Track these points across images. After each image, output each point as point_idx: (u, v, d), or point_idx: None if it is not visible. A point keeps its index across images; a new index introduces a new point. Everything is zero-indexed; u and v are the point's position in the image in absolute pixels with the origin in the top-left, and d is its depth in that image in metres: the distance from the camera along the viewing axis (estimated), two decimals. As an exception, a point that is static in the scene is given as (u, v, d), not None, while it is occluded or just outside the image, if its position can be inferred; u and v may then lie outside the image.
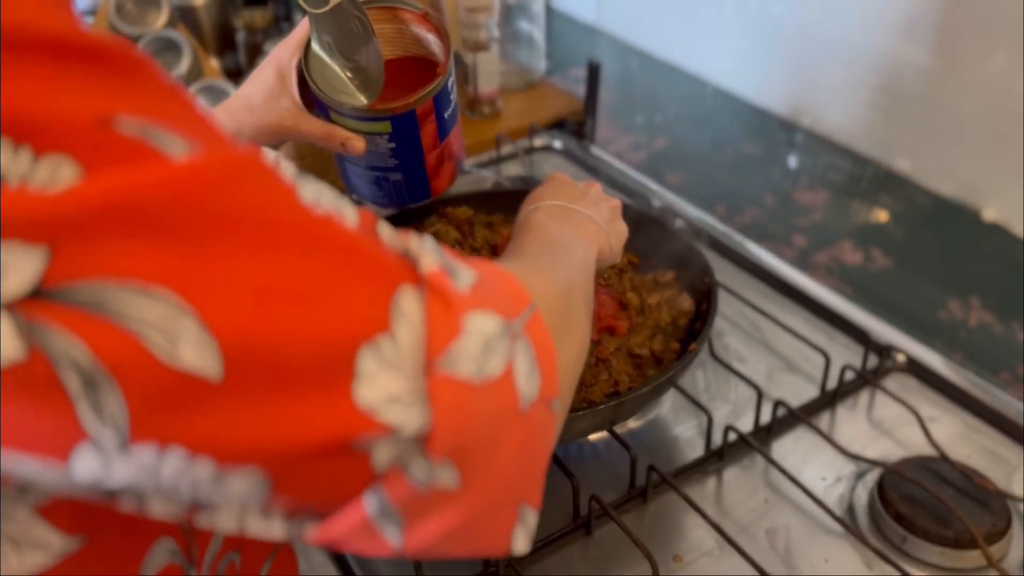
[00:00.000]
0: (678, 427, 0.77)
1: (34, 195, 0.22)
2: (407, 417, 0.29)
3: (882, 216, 1.10)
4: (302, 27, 0.67)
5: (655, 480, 0.69)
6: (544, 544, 0.65)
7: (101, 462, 0.25)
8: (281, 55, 0.67)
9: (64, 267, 0.23)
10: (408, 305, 0.30)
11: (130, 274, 0.24)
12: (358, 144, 0.68)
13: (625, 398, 0.64)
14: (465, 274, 0.34)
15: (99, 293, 0.23)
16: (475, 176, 1.09)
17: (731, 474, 0.72)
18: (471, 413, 0.31)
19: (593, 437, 0.75)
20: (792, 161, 1.21)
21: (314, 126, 0.67)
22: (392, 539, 0.33)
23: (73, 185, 0.23)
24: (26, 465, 0.26)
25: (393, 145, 0.70)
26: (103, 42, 0.25)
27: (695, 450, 0.74)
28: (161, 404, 0.25)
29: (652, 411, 0.78)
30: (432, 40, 0.71)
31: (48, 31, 0.24)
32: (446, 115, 0.71)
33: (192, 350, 0.24)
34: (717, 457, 0.72)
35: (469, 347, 0.32)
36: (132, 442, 0.25)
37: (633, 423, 0.76)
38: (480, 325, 0.33)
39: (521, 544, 0.38)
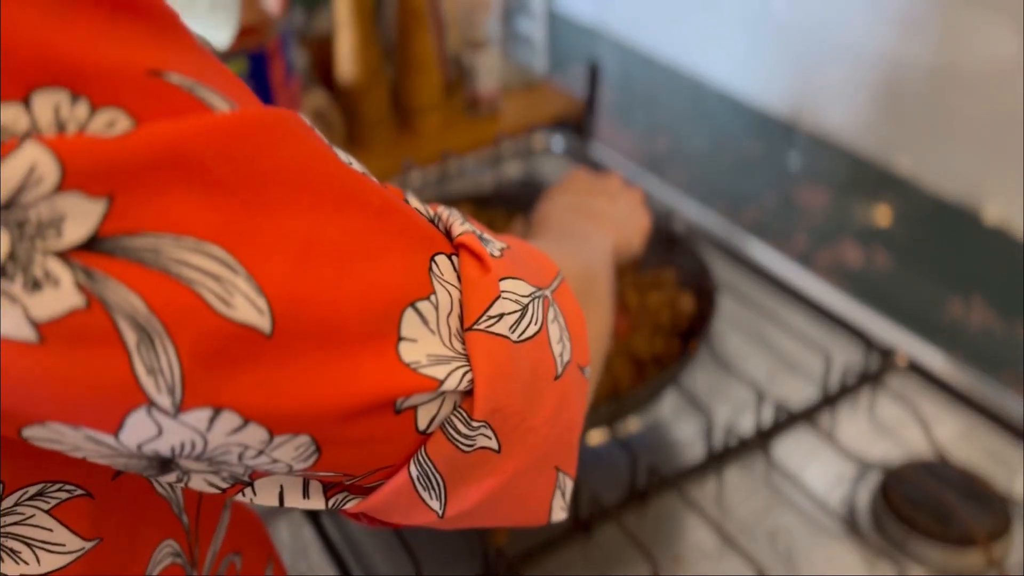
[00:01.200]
0: (678, 428, 0.76)
1: (93, 141, 0.22)
2: (450, 375, 0.29)
3: (883, 216, 1.09)
4: None
5: (655, 481, 0.68)
6: (544, 545, 0.65)
7: (154, 424, 0.25)
8: None
9: (122, 218, 0.23)
10: (445, 269, 0.31)
11: (185, 228, 0.23)
12: None
13: (625, 398, 0.63)
14: (494, 243, 0.34)
15: (156, 246, 0.23)
16: (475, 176, 1.09)
17: (732, 475, 0.72)
18: (510, 374, 0.32)
19: (593, 439, 0.75)
20: (793, 161, 1.21)
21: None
22: (435, 505, 0.33)
23: (129, 132, 0.23)
24: (74, 433, 0.25)
25: (251, 84, 0.72)
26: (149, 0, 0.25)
27: (695, 451, 0.73)
28: (215, 359, 0.24)
29: (652, 411, 0.77)
30: None
31: None
32: (290, 56, 0.74)
33: (245, 304, 0.24)
34: (717, 458, 0.72)
35: (505, 309, 0.32)
36: (187, 405, 0.25)
37: (633, 424, 0.76)
38: (514, 288, 0.33)
39: (559, 512, 0.38)
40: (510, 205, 0.88)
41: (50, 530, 0.29)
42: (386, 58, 1.15)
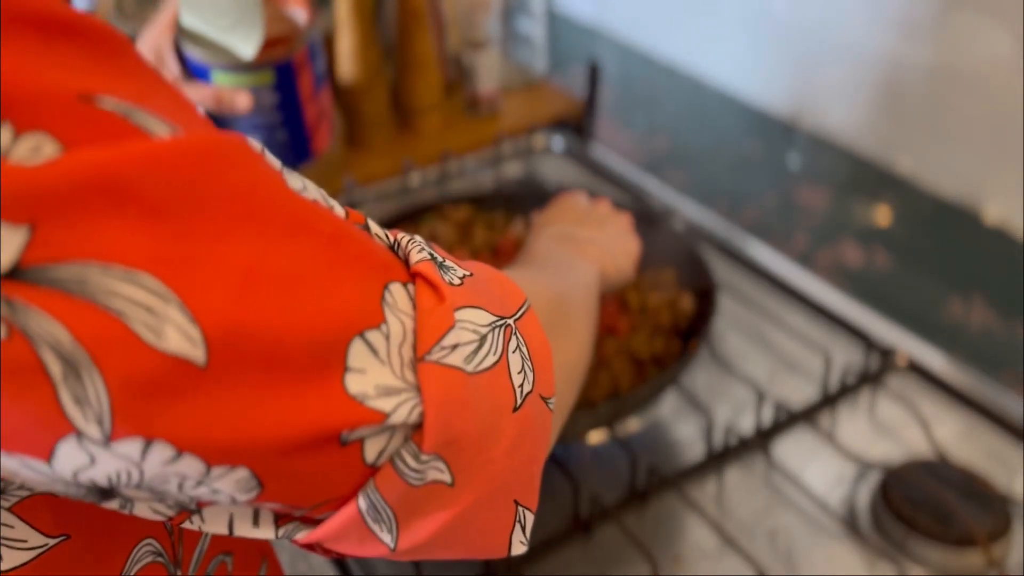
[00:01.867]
0: (678, 428, 0.76)
1: (15, 169, 0.21)
2: (398, 408, 0.29)
3: (883, 216, 1.09)
4: (169, 9, 0.69)
5: (655, 481, 0.68)
6: (545, 545, 0.65)
7: (85, 455, 0.24)
8: (152, 37, 0.69)
9: (45, 246, 0.22)
10: (399, 298, 0.30)
11: (113, 257, 0.23)
12: (246, 99, 0.69)
13: (625, 398, 0.63)
14: (456, 270, 0.34)
15: (82, 275, 0.22)
16: (475, 176, 1.09)
17: (732, 475, 0.72)
18: (464, 405, 0.31)
19: (593, 439, 0.75)
20: (793, 161, 1.21)
21: (201, 93, 0.68)
22: (386, 539, 0.32)
23: (54, 159, 0.22)
24: (9, 460, 0.25)
25: (277, 98, 0.71)
26: (88, 21, 0.25)
27: (695, 451, 0.73)
28: (145, 389, 0.24)
29: (652, 411, 0.77)
30: (292, 9, 0.73)
31: (34, 5, 0.23)
32: (319, 67, 0.74)
33: (177, 335, 0.24)
34: (718, 458, 0.72)
35: (461, 339, 0.31)
36: (116, 435, 0.24)
37: (633, 424, 0.76)
38: (472, 318, 0.32)
39: (518, 546, 0.37)
40: (510, 205, 0.88)
41: (11, 527, 0.29)
42: (386, 58, 1.15)
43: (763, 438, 0.74)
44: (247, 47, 0.67)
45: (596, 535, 0.67)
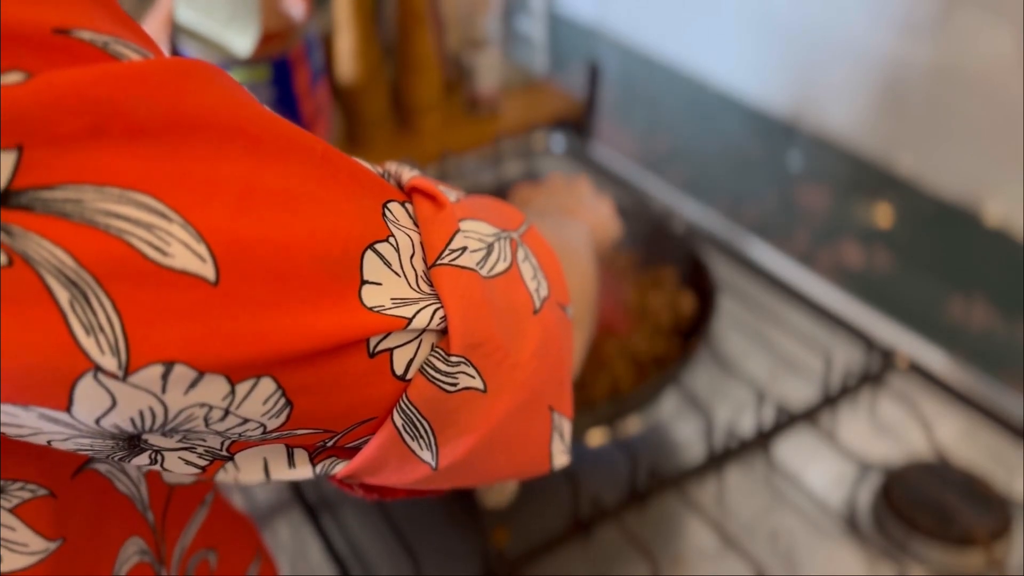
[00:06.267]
0: (678, 428, 0.76)
1: None
2: (419, 313, 0.28)
3: (884, 216, 1.09)
4: (165, 4, 0.68)
5: (656, 481, 0.68)
6: (545, 545, 0.65)
7: (104, 392, 0.23)
8: (150, 32, 0.68)
9: (35, 169, 0.21)
10: (399, 215, 0.29)
11: (107, 178, 0.22)
12: None
13: (625, 398, 0.63)
14: (453, 192, 0.33)
15: (77, 196, 0.22)
16: (475, 176, 1.09)
17: (732, 475, 0.72)
18: (484, 306, 0.30)
19: (593, 440, 0.74)
20: (793, 161, 1.21)
21: None
22: (426, 456, 0.31)
23: (31, 79, 0.21)
24: (28, 415, 0.24)
25: (273, 92, 0.71)
26: None
27: (695, 451, 0.73)
28: (158, 310, 0.23)
29: (653, 412, 0.77)
30: (288, 4, 0.73)
31: None
32: (315, 62, 0.73)
33: (183, 251, 0.23)
34: (718, 458, 0.72)
35: (469, 244, 0.31)
36: (135, 363, 0.23)
37: (633, 424, 0.76)
38: (475, 228, 0.32)
39: (560, 457, 0.37)
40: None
41: (13, 529, 0.28)
42: (386, 58, 1.15)
43: (763, 438, 0.74)
44: (243, 43, 0.67)
45: (596, 535, 0.67)
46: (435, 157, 1.08)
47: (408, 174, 0.32)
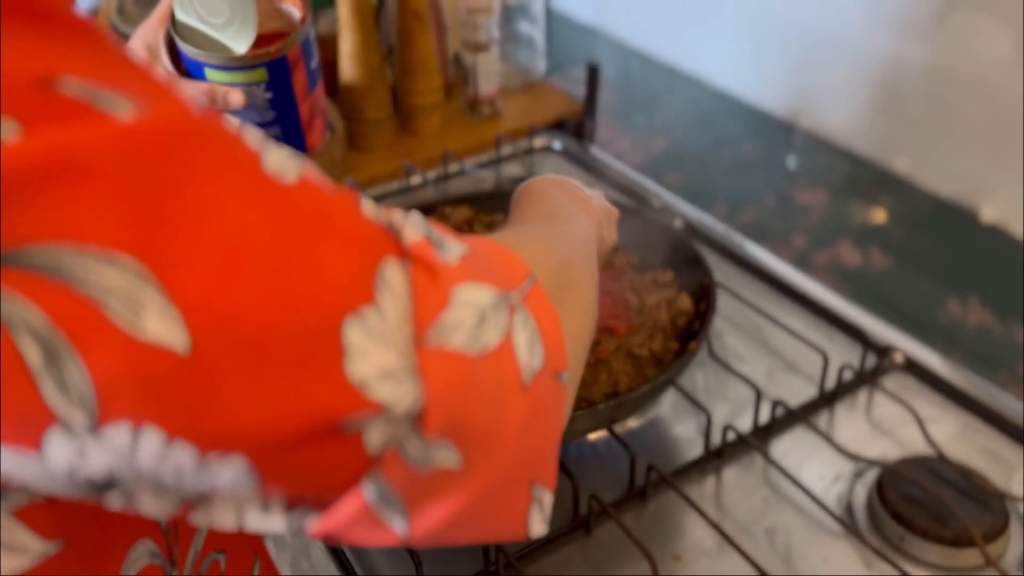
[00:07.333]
0: (677, 427, 0.77)
1: None
2: (399, 393, 0.27)
3: (881, 216, 1.10)
4: (163, 5, 0.69)
5: (654, 480, 0.69)
6: (544, 544, 0.66)
7: (74, 446, 0.24)
8: (145, 33, 0.69)
9: (14, 229, 0.21)
10: (393, 276, 0.28)
11: (87, 238, 0.22)
12: (238, 96, 0.69)
13: (624, 398, 0.64)
14: (454, 247, 0.32)
15: (55, 257, 0.22)
16: (475, 177, 1.09)
17: (730, 474, 0.72)
18: (467, 387, 0.30)
19: (592, 437, 0.75)
20: (791, 161, 1.21)
21: (194, 90, 0.68)
22: (397, 527, 0.31)
23: (15, 141, 0.21)
24: (7, 457, 0.24)
25: (270, 95, 0.71)
26: (48, 2, 0.24)
27: (694, 450, 0.74)
28: (129, 378, 0.23)
29: (651, 411, 0.78)
30: (285, 5, 0.73)
31: None
32: (312, 64, 0.74)
33: (156, 320, 0.23)
34: (716, 457, 0.72)
35: (460, 318, 0.30)
36: (103, 421, 0.23)
37: (632, 423, 0.77)
38: (471, 296, 0.31)
39: (537, 527, 0.36)
40: (510, 206, 0.89)
41: (12, 531, 0.28)
42: (387, 59, 1.15)
43: (761, 437, 0.74)
44: (240, 44, 0.67)
45: (595, 534, 0.67)
46: (436, 158, 1.09)
47: (410, 234, 0.31)
